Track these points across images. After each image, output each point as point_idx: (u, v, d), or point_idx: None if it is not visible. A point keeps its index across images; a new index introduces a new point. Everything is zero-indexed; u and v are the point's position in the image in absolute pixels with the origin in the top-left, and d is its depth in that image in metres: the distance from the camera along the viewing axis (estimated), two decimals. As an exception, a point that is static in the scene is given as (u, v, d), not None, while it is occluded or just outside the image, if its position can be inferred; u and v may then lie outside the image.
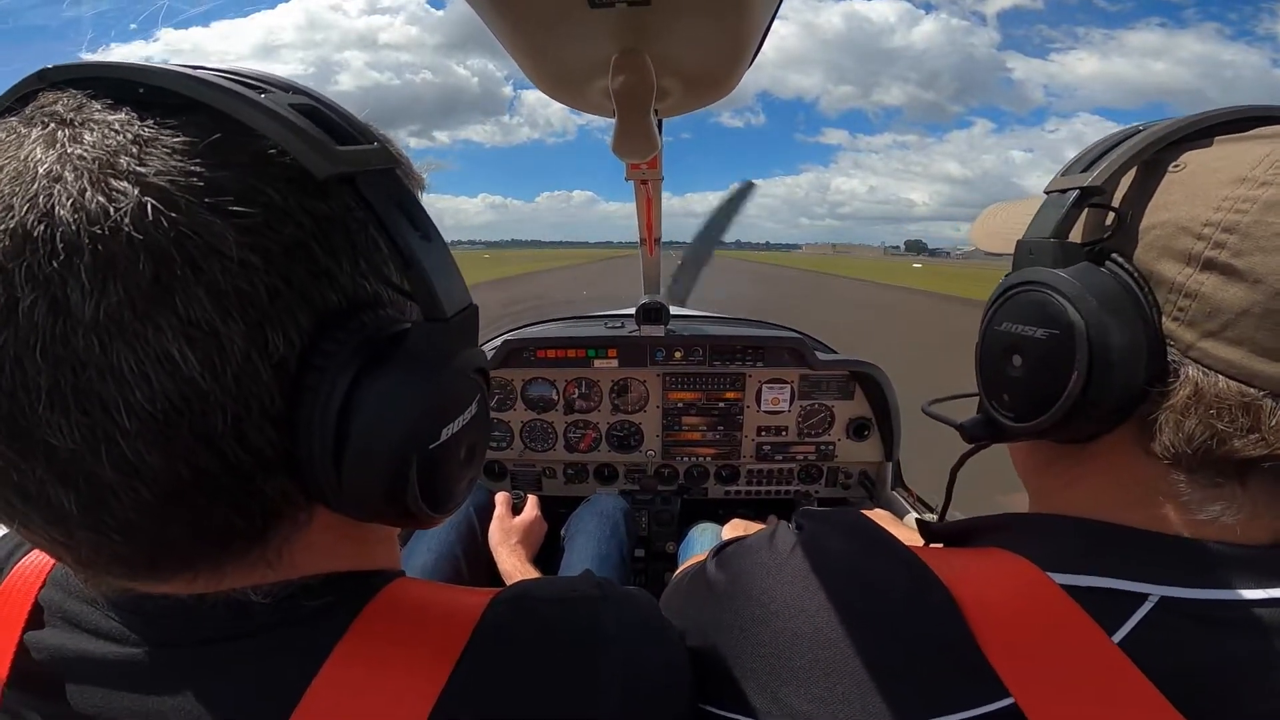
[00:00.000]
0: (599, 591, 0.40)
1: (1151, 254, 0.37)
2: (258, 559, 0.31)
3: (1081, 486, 0.42)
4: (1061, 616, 0.34)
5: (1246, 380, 0.34)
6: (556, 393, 1.61)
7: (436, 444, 0.31)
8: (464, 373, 0.32)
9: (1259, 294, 0.33)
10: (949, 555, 0.41)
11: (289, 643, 0.33)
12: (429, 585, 0.39)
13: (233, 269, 0.25)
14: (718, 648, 0.43)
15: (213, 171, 0.26)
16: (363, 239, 0.31)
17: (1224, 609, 0.34)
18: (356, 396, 0.28)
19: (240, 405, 0.27)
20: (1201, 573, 0.35)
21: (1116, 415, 0.38)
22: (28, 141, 0.25)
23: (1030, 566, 0.37)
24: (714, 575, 0.47)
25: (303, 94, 0.30)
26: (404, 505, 0.30)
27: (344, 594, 0.34)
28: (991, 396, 0.44)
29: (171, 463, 0.26)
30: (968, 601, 0.36)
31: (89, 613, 0.33)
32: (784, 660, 0.39)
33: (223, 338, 0.25)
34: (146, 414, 0.25)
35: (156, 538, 0.28)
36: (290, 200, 0.28)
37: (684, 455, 1.66)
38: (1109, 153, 0.40)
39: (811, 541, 0.43)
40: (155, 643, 0.32)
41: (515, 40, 0.44)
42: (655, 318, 1.52)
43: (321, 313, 0.29)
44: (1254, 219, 0.33)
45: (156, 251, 0.24)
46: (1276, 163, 0.34)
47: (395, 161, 0.31)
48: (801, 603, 0.40)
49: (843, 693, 0.36)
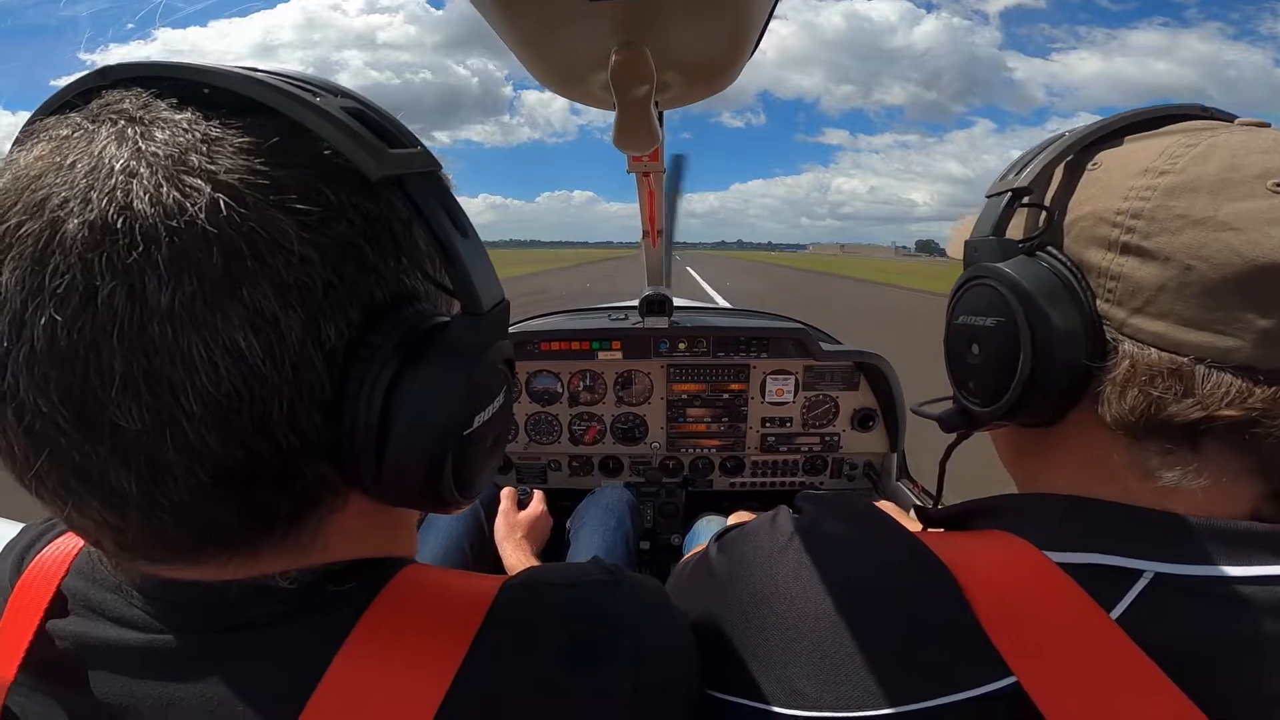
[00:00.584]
0: (610, 576, 0.41)
1: (1079, 243, 0.41)
2: (292, 543, 0.33)
3: (1055, 469, 0.45)
4: (1060, 594, 0.35)
5: (1174, 349, 0.36)
6: (561, 385, 1.62)
7: (470, 430, 0.32)
8: (495, 364, 0.33)
9: (1170, 270, 0.36)
10: (949, 537, 0.42)
11: (308, 628, 0.33)
12: (441, 570, 0.40)
13: (294, 263, 0.27)
14: (722, 633, 0.43)
15: (276, 170, 0.27)
16: (406, 237, 0.32)
17: (1214, 585, 0.34)
18: (399, 385, 0.30)
19: (295, 392, 0.28)
20: (1189, 548, 0.35)
21: (1069, 394, 0.41)
22: (99, 138, 0.26)
23: (1028, 546, 0.38)
24: (716, 561, 0.48)
25: (350, 97, 0.31)
26: (437, 491, 0.32)
27: (363, 580, 0.35)
28: (960, 386, 0.48)
29: (230, 446, 0.27)
30: (968, 581, 0.36)
31: (113, 600, 0.34)
32: (787, 643, 0.39)
33: (283, 328, 0.27)
34: (211, 398, 0.26)
35: (205, 519, 0.29)
36: (345, 199, 0.29)
37: (689, 447, 1.66)
38: (1036, 157, 0.44)
39: (812, 525, 0.44)
40: (177, 629, 0.33)
41: (514, 34, 0.44)
42: (659, 310, 1.52)
43: (369, 306, 0.30)
44: (1156, 204, 0.37)
45: (228, 245, 0.25)
46: (1174, 154, 0.38)
47: (438, 164, 0.32)
48: (803, 585, 0.40)
49: (846, 674, 0.36)
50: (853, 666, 0.36)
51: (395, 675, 0.32)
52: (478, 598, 0.36)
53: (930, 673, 0.35)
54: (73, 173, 0.25)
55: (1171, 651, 0.33)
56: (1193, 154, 0.37)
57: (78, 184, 0.25)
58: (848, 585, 0.39)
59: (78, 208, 0.25)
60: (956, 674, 0.34)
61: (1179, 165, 0.37)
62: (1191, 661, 0.33)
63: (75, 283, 0.24)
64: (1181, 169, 0.37)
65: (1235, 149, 0.37)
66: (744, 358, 1.57)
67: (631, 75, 0.46)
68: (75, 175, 0.25)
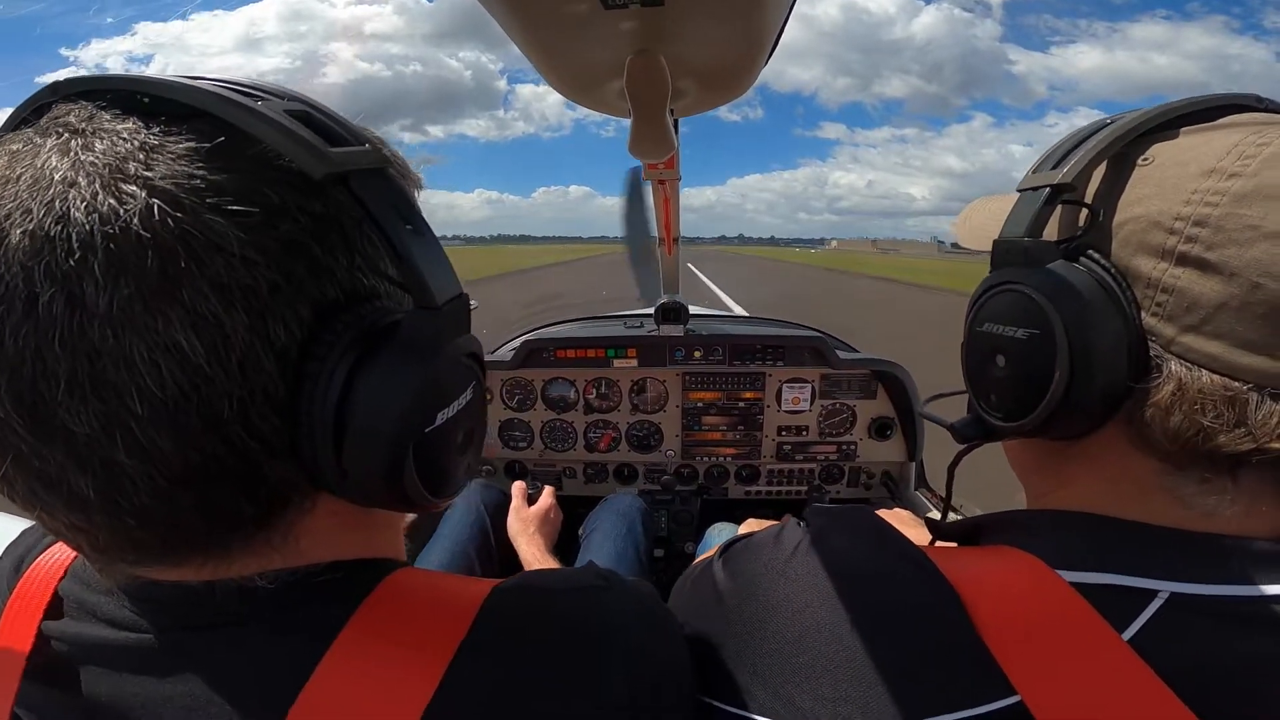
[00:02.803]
0: (603, 582, 0.41)
1: (1127, 250, 0.37)
2: (263, 544, 0.33)
3: (1076, 484, 0.42)
4: (1070, 614, 0.34)
5: (1229, 374, 0.33)
6: (576, 392, 1.62)
7: (432, 428, 0.32)
8: (456, 359, 0.33)
9: (1235, 287, 0.32)
10: (956, 553, 0.41)
11: (294, 630, 0.34)
12: (431, 574, 0.40)
13: (235, 264, 0.27)
14: (725, 645, 0.43)
15: (215, 175, 0.28)
16: (358, 236, 0.32)
17: (1236, 605, 0.33)
18: (354, 383, 0.30)
19: (245, 391, 0.28)
20: (1210, 567, 0.34)
21: (1103, 413, 0.37)
22: (43, 151, 0.27)
23: (1038, 564, 0.37)
24: (720, 574, 0.47)
25: (298, 100, 0.32)
26: (402, 489, 0.32)
27: (349, 582, 0.35)
28: (979, 396, 0.44)
29: (182, 448, 0.27)
30: (974, 598, 0.36)
31: (105, 602, 0.35)
32: (789, 657, 0.39)
33: (227, 328, 0.27)
34: (158, 400, 0.26)
35: (169, 521, 0.29)
36: (288, 200, 0.29)
37: (704, 455, 1.65)
38: (1078, 148, 0.39)
39: (818, 539, 0.43)
40: (163, 628, 0.33)
41: (531, 43, 0.44)
42: (675, 317, 1.52)
43: (320, 305, 0.30)
44: (1225, 211, 0.33)
45: (163, 248, 0.26)
46: (1244, 153, 0.33)
47: (386, 161, 0.32)
48: (806, 600, 0.40)
49: (846, 690, 0.36)
50: (852, 682, 0.36)
51: (383, 676, 0.32)
52: (466, 603, 0.36)
53: (931, 690, 0.34)
54: (18, 185, 0.26)
55: (1186, 673, 0.31)
56: (1266, 154, 0.33)
57: (21, 196, 0.26)
58: (850, 600, 0.38)
59: (19, 218, 0.25)
60: (957, 692, 0.34)
61: (1251, 167, 0.33)
62: (1207, 683, 0.31)
63: (18, 291, 0.25)
64: (1254, 171, 0.33)
65: None
66: (760, 366, 1.56)
67: (647, 83, 0.46)
68: (20, 188, 0.26)
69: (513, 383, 1.62)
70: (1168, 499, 0.37)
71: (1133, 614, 0.33)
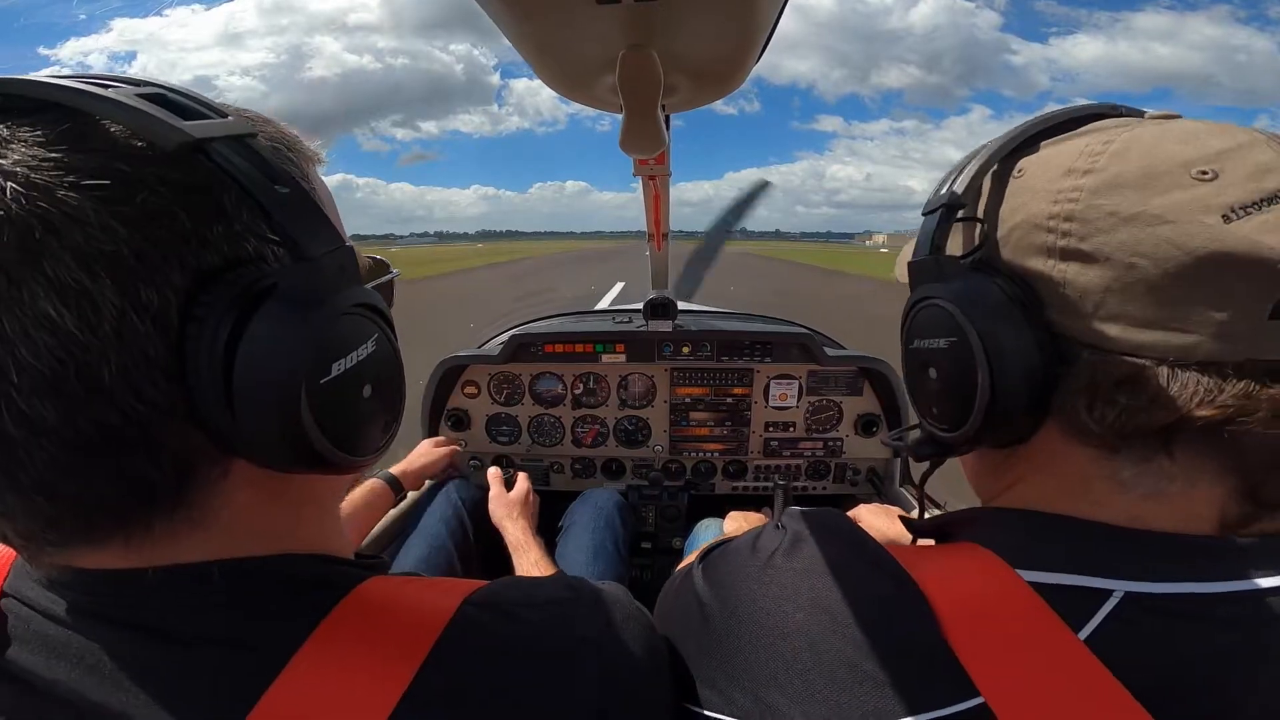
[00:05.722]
0: (570, 593, 0.41)
1: (1019, 253, 0.40)
2: (183, 519, 0.33)
3: (1025, 484, 0.44)
4: (1030, 615, 0.35)
5: (1134, 353, 0.35)
6: (564, 387, 1.62)
7: (327, 379, 0.32)
8: (345, 308, 0.34)
9: (1114, 270, 0.35)
10: (926, 554, 0.42)
11: (251, 637, 0.33)
12: (402, 583, 0.40)
13: (94, 233, 0.28)
14: (708, 653, 0.43)
15: (67, 156, 0.29)
16: (232, 203, 0.33)
17: (1187, 602, 0.34)
18: (236, 340, 0.30)
19: (125, 357, 0.29)
20: (1159, 565, 0.35)
21: (1035, 410, 0.40)
22: None
23: (1002, 564, 0.38)
24: (699, 582, 0.48)
25: (156, 87, 0.33)
26: (309, 446, 0.32)
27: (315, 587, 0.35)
28: (924, 414, 0.47)
29: (70, 416, 0.28)
30: (941, 602, 0.36)
31: (42, 595, 0.35)
32: (765, 661, 0.39)
33: (94, 295, 0.28)
34: (35, 370, 0.27)
35: (77, 495, 0.30)
36: (143, 172, 0.30)
37: (691, 451, 1.66)
38: (963, 170, 0.43)
39: (793, 545, 0.44)
40: (93, 618, 0.33)
41: (522, 37, 0.44)
42: (663, 313, 1.52)
43: (199, 271, 0.31)
44: (1086, 204, 0.36)
45: (19, 224, 0.27)
46: (1094, 152, 0.37)
47: (248, 130, 0.33)
48: (781, 606, 0.41)
49: (817, 692, 0.36)
50: (823, 685, 0.36)
51: (345, 686, 0.32)
52: (433, 616, 0.36)
53: (898, 692, 0.35)
54: None
55: (1140, 671, 0.32)
56: (1111, 150, 0.37)
57: None
58: (822, 605, 0.39)
59: None
60: (924, 694, 0.34)
61: (1100, 163, 0.37)
62: (1161, 682, 0.32)
63: None
64: (1103, 166, 0.36)
65: (1152, 142, 0.36)
66: (748, 362, 1.56)
67: (639, 78, 0.46)
68: None
69: (500, 377, 1.62)
70: (1109, 485, 0.38)
71: (1089, 614, 0.34)
